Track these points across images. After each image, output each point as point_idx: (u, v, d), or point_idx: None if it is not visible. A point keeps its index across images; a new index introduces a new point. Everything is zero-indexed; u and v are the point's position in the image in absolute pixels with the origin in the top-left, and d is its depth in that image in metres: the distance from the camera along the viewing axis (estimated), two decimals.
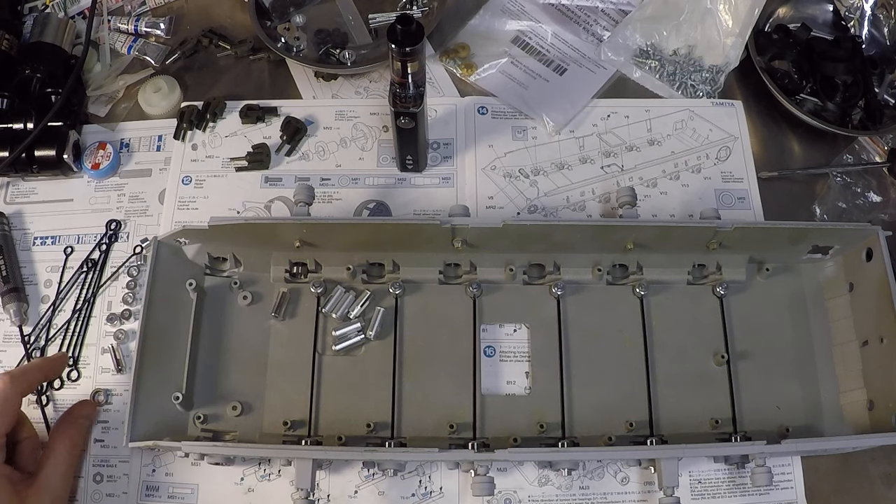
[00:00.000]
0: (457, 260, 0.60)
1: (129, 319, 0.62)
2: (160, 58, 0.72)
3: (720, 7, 0.71)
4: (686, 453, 0.52)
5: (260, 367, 0.59)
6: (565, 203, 0.66)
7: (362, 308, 0.60)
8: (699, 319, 0.60)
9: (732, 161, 0.68)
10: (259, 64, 0.73)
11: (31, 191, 0.67)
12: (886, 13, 0.73)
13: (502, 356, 0.60)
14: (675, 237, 0.58)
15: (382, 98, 0.70)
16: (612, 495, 0.57)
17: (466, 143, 0.68)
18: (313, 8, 0.74)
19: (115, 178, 0.67)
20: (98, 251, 0.64)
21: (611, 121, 0.69)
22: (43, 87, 0.67)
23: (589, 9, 0.75)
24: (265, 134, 0.69)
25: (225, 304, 0.60)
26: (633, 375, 0.58)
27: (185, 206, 0.66)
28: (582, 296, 0.61)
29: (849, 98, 0.70)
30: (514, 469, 0.57)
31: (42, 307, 0.63)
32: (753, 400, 0.58)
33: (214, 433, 0.57)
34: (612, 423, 0.57)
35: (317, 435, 0.57)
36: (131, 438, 0.52)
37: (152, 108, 0.69)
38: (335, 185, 0.67)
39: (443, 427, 0.56)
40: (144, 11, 0.76)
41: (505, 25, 0.74)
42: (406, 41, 0.52)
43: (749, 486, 0.57)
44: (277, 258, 0.60)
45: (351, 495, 0.57)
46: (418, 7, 0.74)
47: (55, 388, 0.60)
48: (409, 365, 0.59)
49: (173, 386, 0.55)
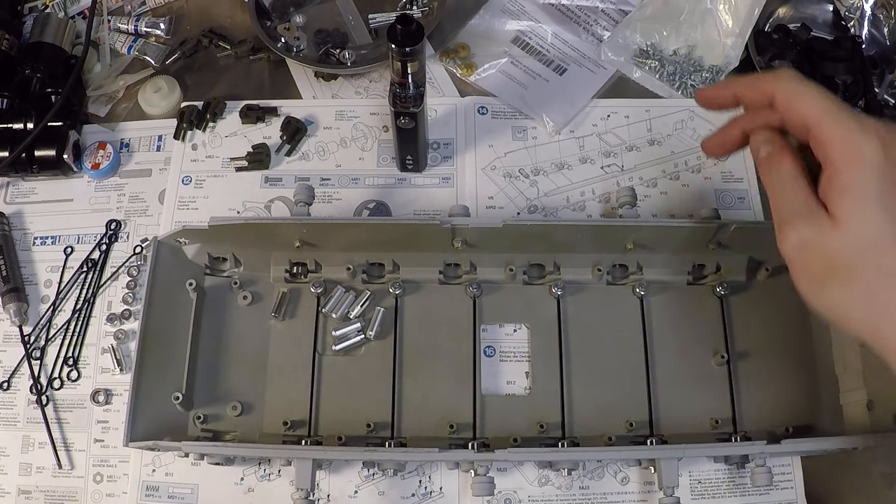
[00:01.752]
0: (457, 260, 0.60)
1: (129, 319, 0.62)
2: (160, 58, 0.72)
3: (720, 7, 0.71)
4: (686, 453, 0.52)
5: (260, 367, 0.59)
6: (565, 203, 0.66)
7: (362, 308, 0.60)
8: (699, 319, 0.60)
9: (732, 161, 0.68)
10: (259, 64, 0.73)
11: (31, 191, 0.67)
12: (886, 13, 0.73)
13: (502, 356, 0.60)
14: (675, 237, 0.58)
15: (382, 98, 0.70)
16: (612, 495, 0.57)
17: (466, 143, 0.68)
18: (313, 8, 0.74)
19: (115, 178, 0.67)
20: (98, 251, 0.64)
21: (611, 121, 0.69)
22: (43, 87, 0.67)
23: (589, 9, 0.75)
24: (265, 134, 0.69)
25: (225, 304, 0.60)
26: (633, 375, 0.58)
27: (185, 206, 0.66)
28: (582, 296, 0.61)
29: (849, 98, 0.70)
30: (514, 469, 0.57)
31: (42, 307, 0.63)
32: (753, 400, 0.58)
33: (214, 433, 0.57)
34: (612, 423, 0.57)
35: (317, 435, 0.57)
36: (131, 438, 0.52)
37: (152, 108, 0.69)
38: (335, 185, 0.67)
39: (443, 427, 0.56)
40: (144, 11, 0.76)
41: (505, 25, 0.74)
42: (406, 41, 0.52)
43: (749, 486, 0.57)
44: (277, 258, 0.61)
45: (351, 495, 0.57)
46: (418, 7, 0.74)
47: (55, 388, 0.60)
48: (409, 365, 0.59)
49: (173, 386, 0.55)
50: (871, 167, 0.38)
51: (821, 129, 0.39)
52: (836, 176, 0.39)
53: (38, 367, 0.61)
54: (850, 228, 0.38)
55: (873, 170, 0.38)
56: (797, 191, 0.40)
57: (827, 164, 0.39)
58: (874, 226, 0.37)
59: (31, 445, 0.59)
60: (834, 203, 0.39)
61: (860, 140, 0.38)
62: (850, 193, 0.38)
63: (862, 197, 0.38)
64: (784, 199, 0.41)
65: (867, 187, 0.38)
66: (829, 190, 0.39)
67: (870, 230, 0.38)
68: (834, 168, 0.39)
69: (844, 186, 0.38)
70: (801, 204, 0.40)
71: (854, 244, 0.38)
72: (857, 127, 0.38)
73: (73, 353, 0.61)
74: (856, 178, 0.38)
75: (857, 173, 0.38)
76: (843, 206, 0.38)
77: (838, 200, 0.38)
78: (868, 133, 0.38)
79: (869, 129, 0.38)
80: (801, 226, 0.40)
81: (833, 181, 0.39)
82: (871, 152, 0.38)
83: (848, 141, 0.38)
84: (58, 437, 0.59)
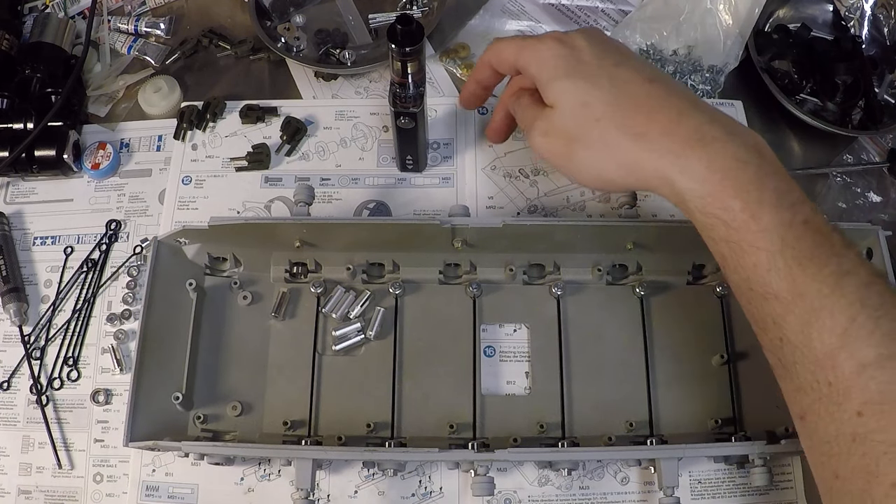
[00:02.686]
0: (457, 260, 0.60)
1: (129, 319, 0.62)
2: (160, 58, 0.72)
3: (720, 7, 0.71)
4: (686, 453, 0.52)
5: (260, 367, 0.59)
6: (565, 203, 0.66)
7: (362, 308, 0.60)
8: (699, 319, 0.60)
9: None
10: (259, 64, 0.73)
11: (31, 191, 0.67)
12: (886, 13, 0.73)
13: (502, 356, 0.60)
14: (675, 237, 0.58)
15: (382, 98, 0.70)
16: (612, 495, 0.57)
17: (466, 143, 0.68)
18: (313, 8, 0.74)
19: (115, 178, 0.67)
20: (98, 251, 0.64)
21: None
22: (43, 87, 0.67)
23: (589, 9, 0.75)
24: (265, 134, 0.69)
25: (225, 304, 0.60)
26: (633, 375, 0.58)
27: (185, 206, 0.66)
28: (582, 296, 0.61)
29: (849, 98, 0.70)
30: (514, 469, 0.57)
31: (42, 307, 0.63)
32: (753, 400, 0.58)
33: (214, 433, 0.57)
34: (612, 423, 0.57)
35: (317, 435, 0.57)
36: (131, 438, 0.52)
37: (152, 108, 0.69)
38: (335, 185, 0.67)
39: (443, 427, 0.56)
40: (144, 11, 0.76)
41: (505, 25, 0.74)
42: (406, 41, 0.52)
43: (749, 486, 0.57)
44: (277, 258, 0.61)
45: (351, 495, 0.57)
46: (418, 7, 0.74)
47: (55, 389, 0.60)
48: (409, 365, 0.59)
49: (173, 386, 0.55)
50: (553, 58, 0.49)
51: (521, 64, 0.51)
52: (539, 83, 0.50)
53: (38, 367, 0.61)
54: (561, 104, 0.48)
55: (556, 58, 0.49)
56: (530, 107, 0.52)
57: (537, 82, 0.50)
58: (574, 92, 0.48)
59: (31, 445, 0.59)
60: (546, 99, 0.50)
61: (540, 47, 0.50)
62: (549, 84, 0.49)
63: (556, 80, 0.49)
64: (523, 116, 0.53)
65: (556, 73, 0.49)
66: (543, 95, 0.50)
67: (573, 97, 0.48)
68: (538, 79, 0.50)
69: (544, 82, 0.49)
70: (533, 112, 0.51)
71: (570, 114, 0.48)
72: (536, 42, 0.51)
73: (73, 353, 0.61)
74: (546, 71, 0.49)
75: (545, 67, 0.49)
76: (549, 95, 0.49)
77: (545, 94, 0.50)
78: (544, 40, 0.50)
79: (545, 37, 0.51)
80: (537, 123, 0.50)
81: (541, 87, 0.50)
82: (548, 49, 0.50)
83: (533, 52, 0.50)
84: (58, 437, 0.59)
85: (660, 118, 0.46)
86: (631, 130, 0.46)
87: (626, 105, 0.47)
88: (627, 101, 0.47)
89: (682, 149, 0.44)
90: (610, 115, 0.47)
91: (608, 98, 0.47)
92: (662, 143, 0.45)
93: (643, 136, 0.46)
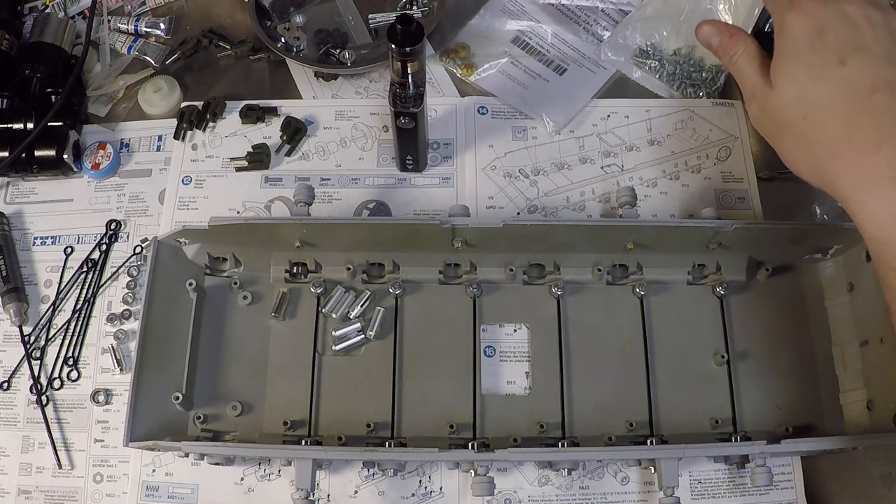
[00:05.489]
0: (457, 260, 0.60)
1: (129, 319, 0.62)
2: (160, 58, 0.72)
3: (720, 7, 0.71)
4: (686, 453, 0.52)
5: (260, 367, 0.59)
6: (565, 203, 0.66)
7: (362, 308, 0.60)
8: (699, 319, 0.60)
9: (732, 161, 0.68)
10: (259, 64, 0.73)
11: (31, 191, 0.67)
12: None
13: (502, 356, 0.60)
14: (675, 237, 0.58)
15: (382, 98, 0.70)
16: (612, 495, 0.57)
17: (466, 143, 0.68)
18: (313, 8, 0.74)
19: (115, 178, 0.67)
20: (98, 251, 0.64)
21: (611, 121, 0.69)
22: (43, 87, 0.67)
23: (589, 9, 0.75)
24: (265, 134, 0.69)
25: (225, 304, 0.60)
26: (633, 375, 0.58)
27: (185, 206, 0.66)
28: (582, 296, 0.61)
29: None
30: (514, 469, 0.57)
31: (42, 307, 0.63)
32: (753, 400, 0.58)
33: (214, 433, 0.57)
34: (612, 423, 0.57)
35: (317, 435, 0.57)
36: (131, 438, 0.52)
37: (152, 108, 0.69)
38: (335, 185, 0.67)
39: (443, 427, 0.56)
40: (144, 11, 0.76)
41: (505, 25, 0.74)
42: (406, 41, 0.52)
43: (749, 486, 0.57)
44: (277, 258, 0.61)
45: (351, 495, 0.57)
46: (418, 7, 0.73)
47: (55, 389, 0.60)
48: (409, 365, 0.59)
49: (173, 386, 0.55)
50: (795, 37, 0.45)
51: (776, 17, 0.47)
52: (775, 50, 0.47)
53: (38, 367, 0.61)
54: (779, 86, 0.46)
55: (796, 38, 0.45)
56: (749, 72, 0.49)
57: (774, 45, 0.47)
58: (797, 82, 0.45)
59: (31, 445, 0.59)
60: (771, 72, 0.47)
61: (789, 17, 0.46)
62: (777, 61, 0.46)
63: (787, 62, 0.46)
64: (742, 79, 0.49)
65: (791, 54, 0.45)
66: (772, 66, 0.47)
67: (794, 86, 0.45)
68: (775, 46, 0.47)
69: (776, 57, 0.47)
70: (752, 83, 0.48)
71: (782, 101, 0.46)
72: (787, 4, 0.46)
73: (73, 353, 0.61)
74: (781, 47, 0.46)
75: (782, 43, 0.46)
76: (774, 73, 0.46)
77: (772, 69, 0.47)
78: (795, 11, 0.45)
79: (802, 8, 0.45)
80: (756, 98, 0.48)
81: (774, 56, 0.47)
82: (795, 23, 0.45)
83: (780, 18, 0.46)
84: (58, 437, 0.59)
85: (858, 138, 0.43)
86: (826, 144, 0.44)
87: (833, 112, 0.44)
88: (835, 109, 0.44)
89: (868, 184, 0.42)
90: (815, 118, 0.45)
91: (820, 100, 0.44)
92: (851, 169, 0.43)
93: (835, 155, 0.44)
